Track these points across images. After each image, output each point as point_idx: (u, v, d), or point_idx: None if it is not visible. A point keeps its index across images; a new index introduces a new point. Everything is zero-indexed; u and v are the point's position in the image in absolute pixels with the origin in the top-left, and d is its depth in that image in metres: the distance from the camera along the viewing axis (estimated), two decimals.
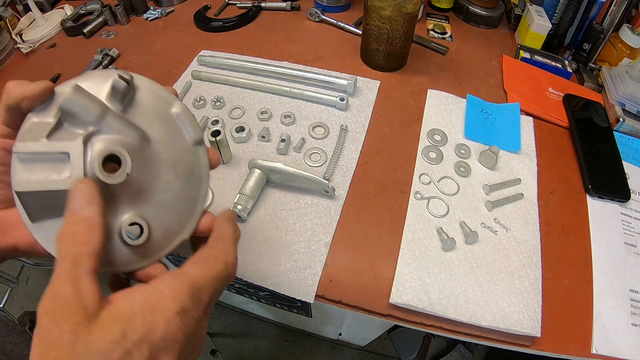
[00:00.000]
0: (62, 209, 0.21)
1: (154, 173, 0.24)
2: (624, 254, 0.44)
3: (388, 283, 0.40)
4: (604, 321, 0.39)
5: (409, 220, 0.44)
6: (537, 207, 0.46)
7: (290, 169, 0.43)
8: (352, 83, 0.55)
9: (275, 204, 0.45)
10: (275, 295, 0.41)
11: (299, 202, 0.45)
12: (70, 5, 0.76)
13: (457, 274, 0.40)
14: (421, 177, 0.48)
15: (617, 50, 0.61)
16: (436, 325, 0.39)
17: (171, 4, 0.75)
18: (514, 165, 0.50)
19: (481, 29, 0.73)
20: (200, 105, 0.55)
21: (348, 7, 0.75)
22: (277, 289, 0.40)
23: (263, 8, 0.74)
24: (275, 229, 0.43)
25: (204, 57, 0.61)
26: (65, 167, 0.21)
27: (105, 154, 0.21)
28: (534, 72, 0.62)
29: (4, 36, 0.66)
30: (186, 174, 0.25)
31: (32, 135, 0.22)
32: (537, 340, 0.38)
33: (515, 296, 0.39)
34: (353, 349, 1.14)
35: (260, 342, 1.15)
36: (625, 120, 0.55)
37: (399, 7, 0.52)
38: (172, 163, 0.25)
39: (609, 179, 0.49)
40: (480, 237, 0.43)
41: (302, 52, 0.65)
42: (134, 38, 0.69)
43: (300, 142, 0.50)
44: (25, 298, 1.21)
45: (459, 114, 0.55)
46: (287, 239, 0.42)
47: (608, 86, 0.59)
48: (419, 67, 0.63)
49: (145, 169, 0.24)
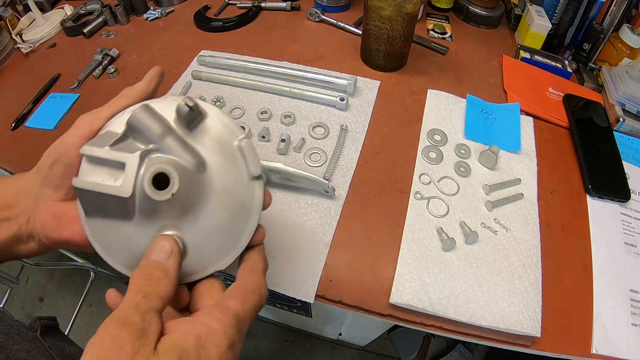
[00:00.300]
0: (112, 212, 0.24)
1: (203, 198, 0.25)
2: (624, 254, 0.44)
3: (388, 283, 0.40)
4: (604, 321, 0.39)
5: (409, 220, 0.44)
6: (537, 207, 0.46)
7: (290, 169, 0.43)
8: (352, 83, 0.55)
9: (275, 204, 0.45)
10: (275, 295, 0.41)
11: (299, 202, 0.45)
12: (70, 5, 0.76)
13: (457, 274, 0.40)
14: (421, 177, 0.48)
15: (617, 50, 0.61)
16: (436, 325, 0.39)
17: (171, 4, 0.75)
18: (514, 165, 0.50)
19: (481, 29, 0.73)
20: None
21: (348, 7, 0.75)
22: (277, 289, 0.40)
23: (263, 8, 0.74)
24: (275, 229, 0.43)
25: (204, 57, 0.62)
26: (121, 175, 0.23)
27: (156, 172, 0.23)
28: (534, 72, 0.62)
29: (4, 36, 0.66)
30: (236, 206, 0.26)
31: (101, 141, 0.24)
32: (537, 340, 0.38)
33: (515, 296, 0.39)
34: (353, 349, 1.14)
35: (260, 342, 1.15)
36: (625, 120, 0.55)
37: (399, 7, 0.52)
38: (225, 192, 0.25)
39: (609, 179, 0.49)
40: (480, 237, 0.43)
41: (302, 52, 0.65)
42: (134, 38, 0.69)
43: (300, 142, 0.50)
44: (25, 298, 1.20)
45: (459, 114, 0.55)
46: (287, 239, 0.42)
47: (608, 86, 0.59)
48: (419, 67, 0.63)
49: (195, 192, 0.24)
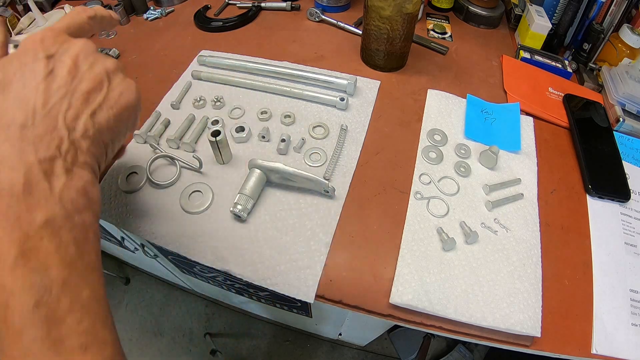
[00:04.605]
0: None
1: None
2: (624, 254, 0.44)
3: (388, 283, 0.40)
4: (604, 321, 0.39)
5: (409, 220, 0.44)
6: (537, 207, 0.46)
7: (290, 169, 0.43)
8: (352, 83, 0.55)
9: (275, 204, 0.45)
10: (275, 295, 0.41)
11: (299, 202, 0.45)
12: (70, 5, 0.75)
13: (457, 274, 0.40)
14: (421, 177, 0.48)
15: (617, 50, 0.61)
16: (436, 325, 0.39)
17: (171, 4, 0.75)
18: (514, 165, 0.50)
19: (481, 29, 0.73)
20: (200, 105, 0.55)
21: (348, 7, 0.75)
22: (277, 289, 0.40)
23: (263, 8, 0.74)
24: (275, 229, 0.43)
25: (204, 57, 0.61)
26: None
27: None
28: (534, 72, 0.62)
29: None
30: None
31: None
32: (537, 340, 0.38)
33: (515, 296, 0.39)
34: (353, 349, 1.14)
35: (260, 342, 1.15)
36: (625, 120, 0.55)
37: (399, 7, 0.52)
38: None
39: (609, 179, 0.49)
40: (480, 237, 0.43)
41: (302, 52, 0.65)
42: (134, 38, 0.69)
43: (300, 142, 0.50)
44: None
45: (459, 114, 0.55)
46: (287, 239, 0.42)
47: (608, 86, 0.59)
48: (419, 67, 0.63)
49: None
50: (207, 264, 0.41)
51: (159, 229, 0.43)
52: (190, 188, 0.46)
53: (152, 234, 0.43)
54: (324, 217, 0.44)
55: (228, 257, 0.41)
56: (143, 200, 0.45)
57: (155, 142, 0.50)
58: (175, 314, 1.22)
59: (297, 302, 0.41)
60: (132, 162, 0.48)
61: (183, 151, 0.50)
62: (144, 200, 0.45)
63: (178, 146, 0.50)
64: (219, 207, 0.45)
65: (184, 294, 1.25)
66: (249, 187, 0.43)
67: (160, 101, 0.56)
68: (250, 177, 0.44)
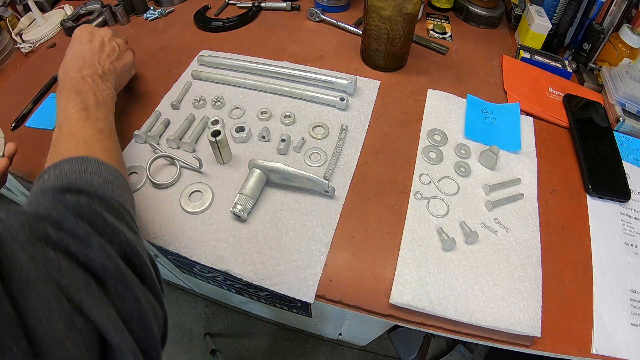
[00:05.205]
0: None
1: None
2: (624, 254, 0.44)
3: (388, 283, 0.40)
4: (604, 321, 0.39)
5: (409, 220, 0.44)
6: (537, 207, 0.46)
7: (290, 169, 0.43)
8: (352, 83, 0.55)
9: (275, 204, 0.45)
10: (275, 295, 0.41)
11: (299, 202, 0.45)
12: (70, 5, 0.76)
13: (457, 274, 0.40)
14: (421, 177, 0.48)
15: (617, 50, 0.61)
16: (436, 325, 0.39)
17: (171, 4, 0.75)
18: (514, 165, 0.50)
19: (481, 29, 0.73)
20: (200, 105, 0.55)
21: (348, 7, 0.75)
22: (277, 289, 0.40)
23: (263, 8, 0.74)
24: (275, 229, 0.43)
25: (204, 57, 0.62)
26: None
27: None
28: (534, 72, 0.62)
29: (4, 36, 0.66)
30: None
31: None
32: (537, 340, 0.38)
33: (516, 296, 0.39)
34: (353, 349, 1.14)
35: (260, 342, 1.15)
36: (625, 120, 0.55)
37: (399, 7, 0.52)
38: None
39: (609, 179, 0.49)
40: (480, 237, 0.43)
41: (302, 52, 0.65)
42: (134, 38, 0.69)
43: (300, 142, 0.50)
44: None
45: (459, 114, 0.55)
46: (287, 239, 0.42)
47: (608, 86, 0.59)
48: (419, 67, 0.63)
49: None
50: (207, 264, 0.41)
51: (159, 229, 0.43)
52: (190, 188, 0.46)
53: (152, 234, 0.43)
54: (324, 217, 0.44)
55: (228, 257, 0.41)
56: (143, 200, 0.45)
57: (155, 142, 0.50)
58: (175, 314, 1.22)
59: (297, 302, 0.41)
60: (132, 162, 0.49)
61: (183, 151, 0.50)
62: (144, 200, 0.45)
63: (178, 146, 0.50)
64: (219, 207, 0.45)
65: (184, 294, 1.25)
66: (249, 187, 0.43)
67: (160, 101, 0.56)
68: (250, 177, 0.44)
